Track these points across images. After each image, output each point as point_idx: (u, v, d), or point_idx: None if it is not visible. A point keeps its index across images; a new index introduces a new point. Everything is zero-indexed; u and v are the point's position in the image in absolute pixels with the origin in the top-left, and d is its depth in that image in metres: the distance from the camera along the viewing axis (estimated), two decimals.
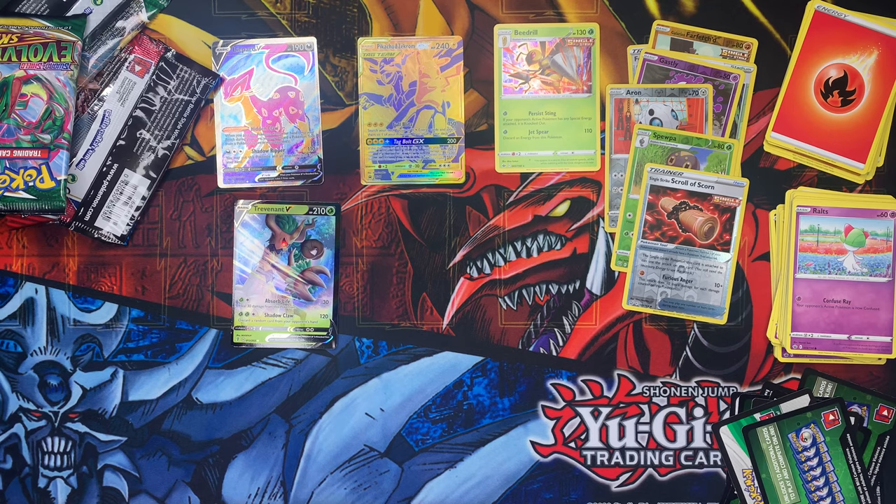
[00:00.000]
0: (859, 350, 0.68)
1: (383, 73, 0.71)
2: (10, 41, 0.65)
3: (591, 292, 0.70)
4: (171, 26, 0.71)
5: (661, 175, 0.69)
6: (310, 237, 0.69)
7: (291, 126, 0.71)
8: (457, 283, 0.71)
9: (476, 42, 0.71)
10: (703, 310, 0.69)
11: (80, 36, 0.66)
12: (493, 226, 0.71)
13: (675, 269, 0.69)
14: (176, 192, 0.71)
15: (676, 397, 0.70)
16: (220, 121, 0.71)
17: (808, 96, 0.69)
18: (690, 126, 0.70)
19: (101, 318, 0.71)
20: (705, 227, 0.69)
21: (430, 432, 0.70)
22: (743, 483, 0.68)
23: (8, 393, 0.71)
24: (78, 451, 0.70)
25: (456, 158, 0.71)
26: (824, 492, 0.67)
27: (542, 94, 0.71)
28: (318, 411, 0.70)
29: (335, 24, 0.71)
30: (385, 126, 0.71)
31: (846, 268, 0.68)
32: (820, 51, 0.69)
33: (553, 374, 0.70)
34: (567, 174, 0.71)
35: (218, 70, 0.71)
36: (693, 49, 0.70)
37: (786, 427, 0.67)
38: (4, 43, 0.65)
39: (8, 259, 0.71)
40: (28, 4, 0.68)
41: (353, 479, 0.70)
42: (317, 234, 0.69)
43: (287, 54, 0.71)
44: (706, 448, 0.70)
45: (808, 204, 0.68)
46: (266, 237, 0.70)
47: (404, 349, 0.70)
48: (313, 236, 0.69)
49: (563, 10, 0.71)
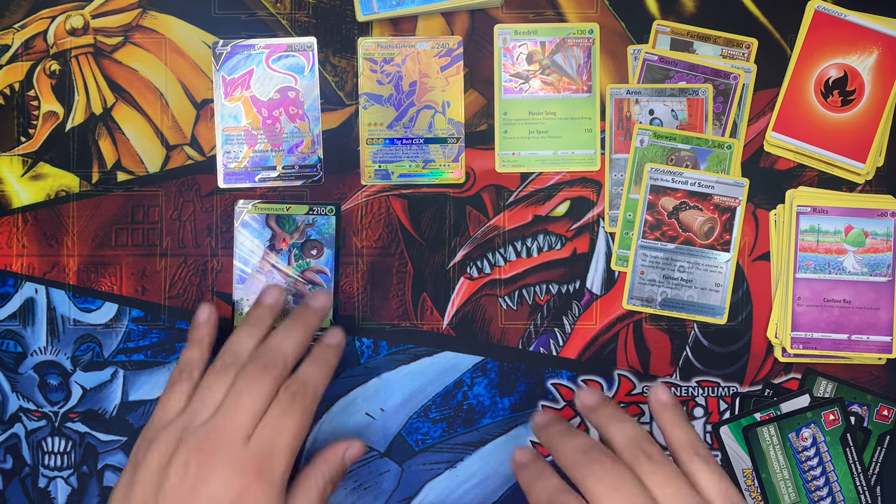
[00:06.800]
0: (859, 350, 0.68)
1: (383, 73, 0.71)
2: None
3: (591, 292, 0.70)
4: (170, 26, 0.71)
5: (661, 175, 0.69)
6: (310, 237, 0.69)
7: (291, 126, 0.71)
8: (457, 283, 0.71)
9: (476, 42, 0.71)
10: (703, 310, 0.69)
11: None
12: (493, 226, 0.71)
13: (675, 268, 0.69)
14: (176, 192, 0.71)
15: (676, 397, 0.70)
16: (220, 121, 0.71)
17: (808, 96, 0.69)
18: (690, 126, 0.70)
19: (101, 318, 0.71)
20: (705, 227, 0.69)
21: (430, 432, 0.70)
22: (743, 483, 0.68)
23: (8, 393, 0.71)
24: (78, 451, 0.71)
25: (456, 158, 0.71)
26: (824, 491, 0.67)
27: (542, 94, 0.71)
28: (318, 411, 0.70)
29: (335, 24, 0.71)
30: (385, 126, 0.71)
31: (846, 268, 0.68)
32: (820, 51, 0.69)
33: (553, 374, 0.70)
34: (567, 174, 0.71)
35: (218, 70, 0.71)
36: (693, 49, 0.70)
37: (786, 427, 0.67)
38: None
39: (8, 259, 0.71)
40: None
41: (353, 479, 0.70)
42: (317, 234, 0.69)
43: (287, 54, 0.71)
44: None
45: (808, 204, 0.68)
46: (266, 237, 0.70)
47: (404, 349, 0.70)
48: (313, 236, 0.69)
49: (563, 10, 0.71)
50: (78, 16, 0.71)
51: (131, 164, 0.71)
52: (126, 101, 0.71)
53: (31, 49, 0.71)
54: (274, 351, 0.61)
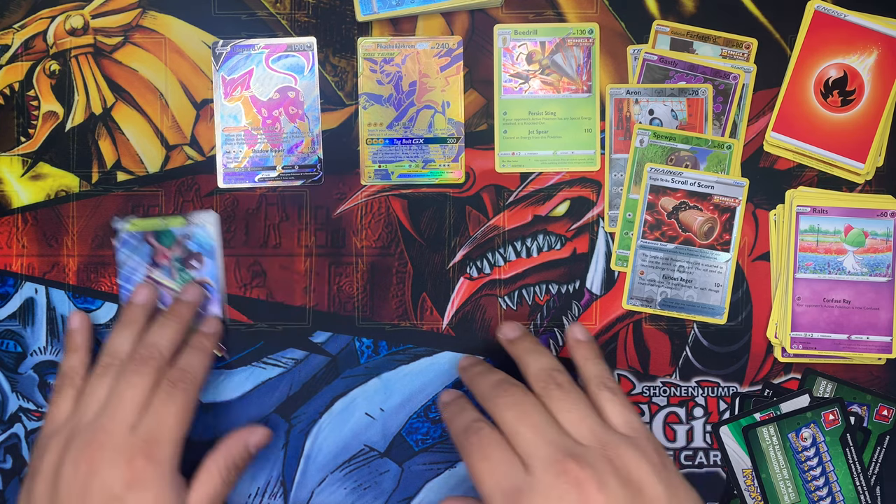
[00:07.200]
0: (859, 350, 0.68)
1: (383, 73, 0.71)
2: None
3: (590, 292, 0.70)
4: (170, 26, 0.71)
5: (660, 175, 0.69)
6: (190, 249, 0.69)
7: (291, 126, 0.71)
8: (457, 283, 0.71)
9: (476, 42, 0.71)
10: (703, 310, 0.69)
11: None
12: (492, 226, 0.71)
13: (675, 269, 0.69)
14: (176, 192, 0.71)
15: (676, 397, 0.70)
16: (220, 121, 0.71)
17: (808, 96, 0.69)
18: (690, 126, 0.70)
19: (101, 318, 0.71)
20: (705, 227, 0.69)
21: (430, 432, 0.70)
22: (743, 483, 0.68)
23: (8, 393, 0.71)
24: None
25: (456, 158, 0.71)
26: (824, 491, 0.67)
27: (542, 94, 0.71)
28: (317, 411, 0.70)
29: (335, 24, 0.71)
30: (385, 126, 0.71)
31: (846, 268, 0.68)
32: (820, 51, 0.69)
33: None
34: (567, 174, 0.71)
35: (218, 70, 0.70)
36: (693, 49, 0.70)
37: (786, 427, 0.67)
38: None
39: (8, 259, 0.71)
40: None
41: (353, 479, 0.70)
42: (197, 246, 0.69)
43: (287, 54, 0.71)
44: (706, 448, 0.70)
45: (808, 204, 0.68)
46: (146, 253, 0.69)
47: (404, 349, 0.70)
48: (193, 248, 0.69)
49: (563, 10, 0.71)
50: (78, 16, 0.71)
51: (131, 164, 0.71)
52: (126, 101, 0.71)
53: (31, 49, 0.71)
54: (150, 346, 0.63)
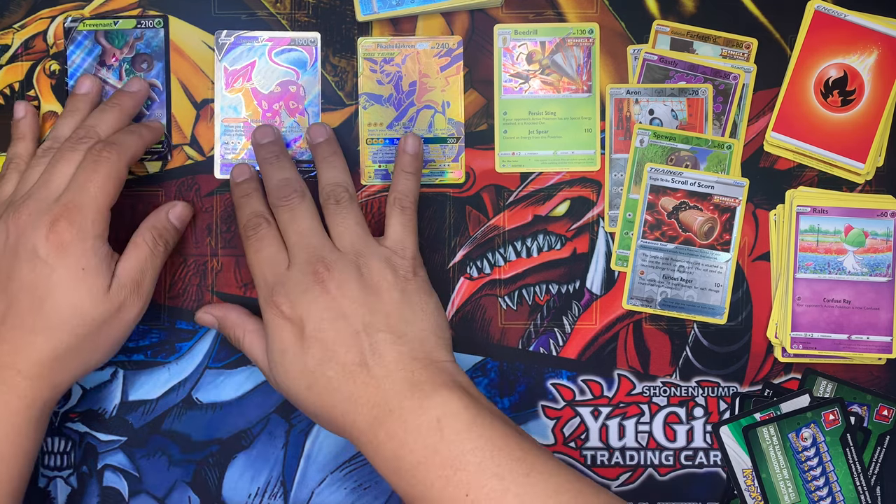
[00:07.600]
0: (859, 350, 0.68)
1: (383, 73, 0.71)
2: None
3: (590, 292, 0.70)
4: (170, 25, 0.71)
5: (660, 175, 0.69)
6: (139, 51, 0.70)
7: (291, 120, 0.71)
8: (457, 283, 0.71)
9: (476, 42, 0.71)
10: (703, 310, 0.69)
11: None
12: (492, 226, 0.71)
13: (675, 268, 0.69)
14: (176, 192, 0.71)
15: (676, 397, 0.70)
16: (220, 111, 0.71)
17: (808, 96, 0.69)
18: (690, 126, 0.70)
19: None
20: (705, 227, 0.69)
21: None
22: (743, 483, 0.68)
23: None
24: (78, 451, 0.70)
25: (456, 158, 0.71)
26: (824, 491, 0.67)
27: (542, 94, 0.71)
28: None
29: (335, 24, 0.71)
30: (385, 126, 0.71)
31: (846, 268, 0.68)
32: (820, 51, 0.69)
33: (553, 374, 0.70)
34: (567, 174, 0.71)
35: (220, 60, 0.70)
36: (693, 49, 0.70)
37: (786, 427, 0.67)
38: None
39: None
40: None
41: (353, 479, 0.70)
42: (146, 48, 0.70)
43: (290, 48, 0.71)
44: (706, 448, 0.70)
45: (808, 204, 0.68)
46: (96, 53, 0.70)
47: None
48: (143, 50, 0.70)
49: (563, 10, 0.71)
50: (78, 16, 0.71)
51: (131, 164, 0.71)
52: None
53: (31, 49, 0.71)
54: (87, 127, 0.65)
